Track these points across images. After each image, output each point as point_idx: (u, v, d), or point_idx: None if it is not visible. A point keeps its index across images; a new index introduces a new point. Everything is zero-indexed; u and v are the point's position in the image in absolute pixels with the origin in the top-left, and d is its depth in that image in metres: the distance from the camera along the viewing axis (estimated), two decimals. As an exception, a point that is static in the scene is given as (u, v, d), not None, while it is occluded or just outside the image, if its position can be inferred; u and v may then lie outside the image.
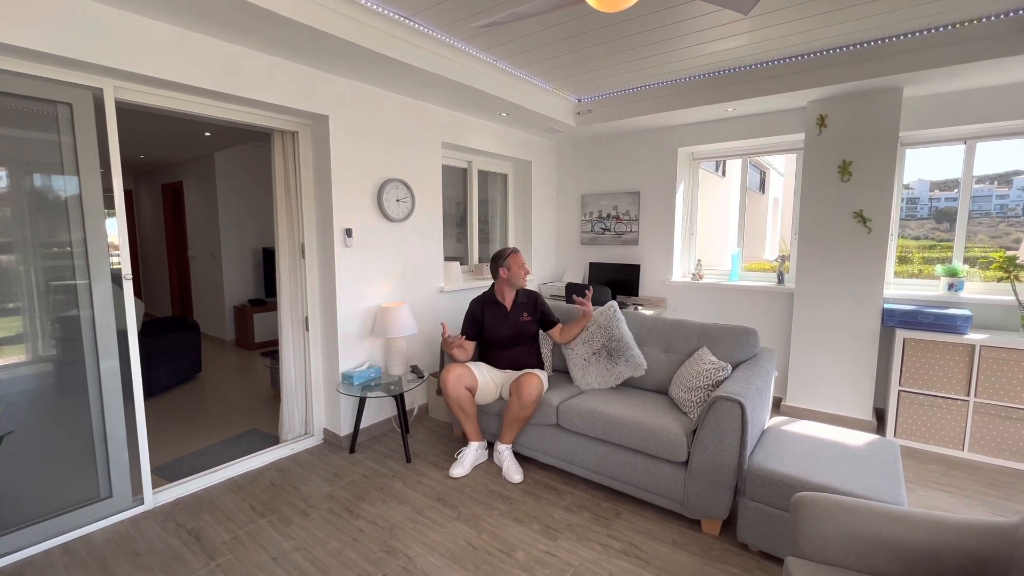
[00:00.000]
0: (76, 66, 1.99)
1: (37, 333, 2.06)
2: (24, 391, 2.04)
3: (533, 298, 2.94)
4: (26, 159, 1.98)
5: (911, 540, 1.30)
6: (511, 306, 2.88)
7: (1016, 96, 2.89)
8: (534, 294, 2.97)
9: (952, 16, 2.45)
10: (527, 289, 2.98)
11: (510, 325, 2.85)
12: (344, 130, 2.88)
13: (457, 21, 2.50)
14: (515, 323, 2.86)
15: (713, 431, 2.07)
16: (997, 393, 2.77)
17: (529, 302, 2.92)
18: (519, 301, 2.90)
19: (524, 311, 2.89)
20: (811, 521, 1.41)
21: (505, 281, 2.85)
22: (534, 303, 2.93)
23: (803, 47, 2.84)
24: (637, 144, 4.28)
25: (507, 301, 2.89)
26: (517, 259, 2.87)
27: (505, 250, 2.88)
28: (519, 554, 2.03)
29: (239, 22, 2.12)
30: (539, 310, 2.93)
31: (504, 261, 2.84)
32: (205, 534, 2.17)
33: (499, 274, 2.86)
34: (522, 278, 2.86)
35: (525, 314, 2.88)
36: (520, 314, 2.88)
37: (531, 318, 2.89)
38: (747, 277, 4.02)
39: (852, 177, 3.18)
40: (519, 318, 2.87)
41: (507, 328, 2.85)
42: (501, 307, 2.88)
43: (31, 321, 2.05)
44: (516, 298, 2.90)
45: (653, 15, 2.43)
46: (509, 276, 2.84)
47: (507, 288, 2.88)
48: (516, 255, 2.88)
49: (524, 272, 2.86)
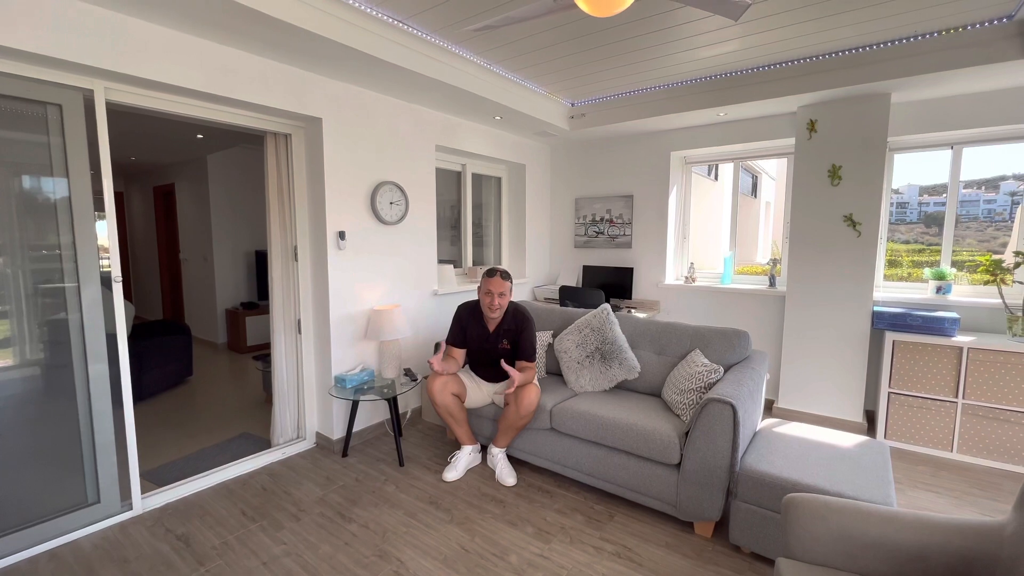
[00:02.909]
0: (66, 67, 1.97)
1: (25, 336, 2.04)
2: (10, 395, 2.01)
3: (520, 328, 2.67)
4: (15, 160, 1.96)
5: (900, 540, 1.31)
6: (494, 329, 2.71)
7: (1000, 102, 2.94)
8: (523, 323, 2.67)
9: (938, 24, 2.49)
10: (522, 312, 2.71)
11: (488, 350, 2.72)
12: (337, 133, 2.87)
13: (451, 25, 2.51)
14: (493, 348, 2.70)
15: (705, 433, 2.08)
16: (984, 395, 2.80)
17: (514, 331, 2.68)
18: (504, 327, 2.69)
19: (505, 339, 2.69)
20: (801, 522, 1.42)
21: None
22: (518, 333, 2.66)
23: (793, 53, 2.87)
24: (630, 148, 4.31)
25: (490, 324, 2.71)
26: (486, 283, 2.61)
27: (486, 270, 2.66)
28: (512, 557, 2.03)
29: (231, 24, 2.11)
30: (516, 340, 2.67)
31: (480, 283, 2.67)
32: (195, 539, 2.14)
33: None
34: (486, 306, 2.62)
35: (505, 342, 2.69)
36: (500, 340, 2.69)
37: (510, 347, 2.69)
38: (739, 280, 4.06)
39: (842, 181, 3.22)
40: (498, 344, 2.69)
41: (484, 353, 2.74)
42: (484, 328, 2.72)
43: (19, 324, 2.02)
44: (502, 322, 2.69)
45: (646, 20, 2.45)
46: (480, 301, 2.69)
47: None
48: (487, 279, 2.61)
49: (487, 300, 2.60)
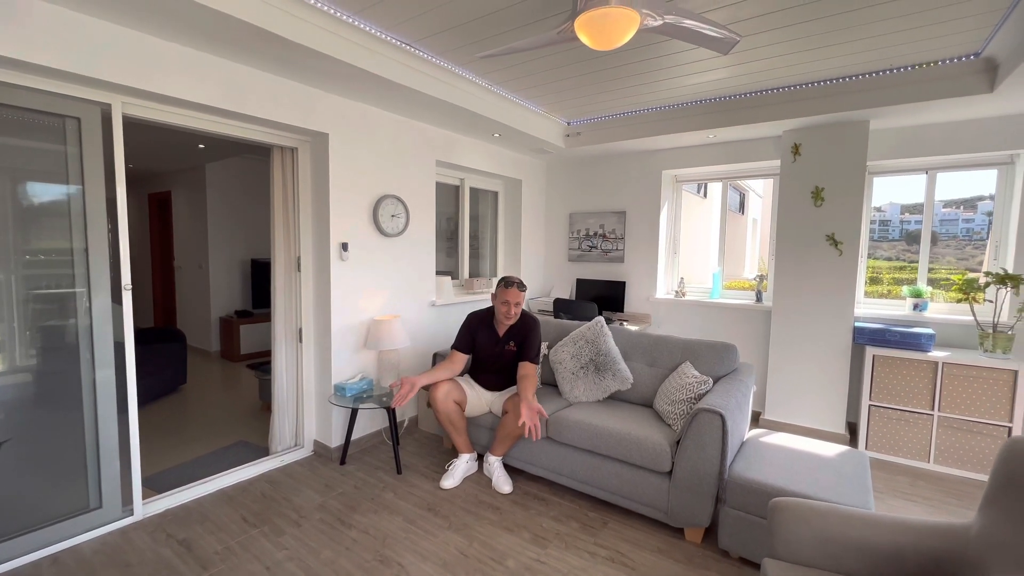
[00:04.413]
0: (85, 82, 2.04)
1: (32, 342, 2.07)
2: (17, 399, 2.04)
3: (528, 329, 2.81)
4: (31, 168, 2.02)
5: (877, 541, 1.41)
6: (503, 333, 2.84)
7: (971, 132, 3.14)
8: (531, 325, 2.82)
9: (912, 59, 2.66)
10: (530, 316, 2.86)
11: (497, 353, 2.83)
12: (343, 147, 2.96)
13: (456, 48, 2.62)
14: (502, 351, 2.82)
15: (695, 442, 2.17)
16: (959, 407, 2.94)
17: (522, 332, 2.81)
18: (513, 328, 2.83)
19: (512, 340, 2.82)
20: (786, 525, 1.51)
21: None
22: (525, 335, 2.80)
23: (779, 81, 3.04)
24: (623, 166, 4.46)
25: (501, 328, 2.84)
26: (503, 294, 2.74)
27: (502, 280, 2.78)
28: (510, 562, 2.09)
29: (246, 43, 2.21)
30: (522, 341, 2.80)
31: (496, 291, 2.79)
32: (196, 545, 2.17)
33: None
34: (502, 314, 2.75)
35: (512, 343, 2.81)
36: (508, 343, 2.81)
37: (516, 348, 2.82)
38: (727, 295, 4.19)
39: (824, 202, 3.38)
40: (506, 346, 2.81)
41: (493, 356, 2.85)
42: (494, 332, 2.84)
43: (26, 329, 2.06)
44: (512, 325, 2.83)
45: (642, 49, 2.60)
46: (495, 308, 2.82)
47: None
48: (505, 290, 2.73)
49: (504, 309, 2.73)
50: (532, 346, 2.78)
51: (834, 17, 2.22)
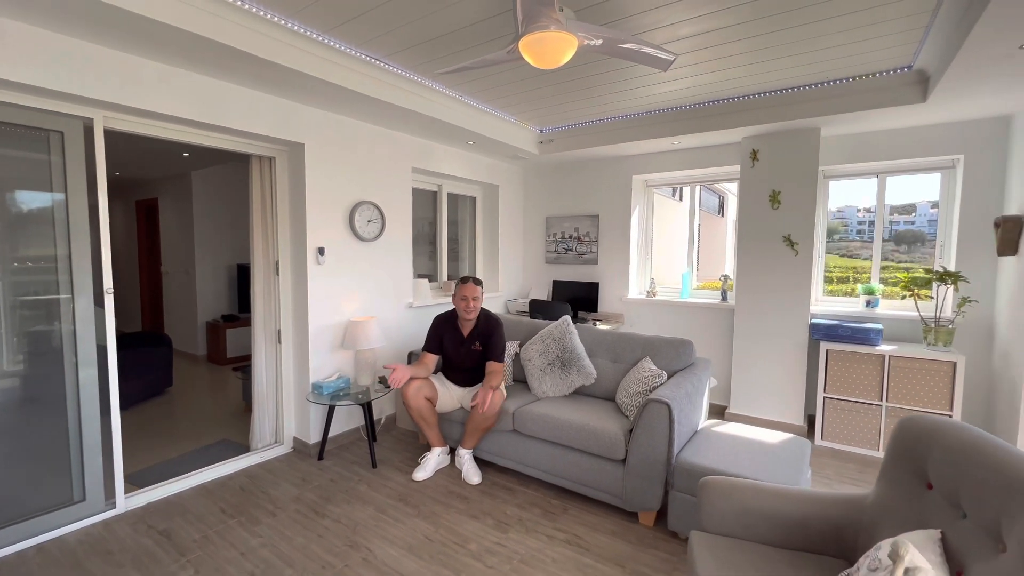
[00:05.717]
0: (67, 98, 2.17)
1: (17, 344, 2.19)
2: (4, 400, 2.15)
3: (491, 330, 2.93)
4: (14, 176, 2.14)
5: (787, 512, 1.57)
6: (467, 333, 2.97)
7: (914, 138, 3.33)
8: (494, 325, 2.95)
9: (854, 70, 2.85)
10: (493, 317, 3.00)
11: (463, 353, 2.97)
12: (319, 156, 3.10)
13: (423, 64, 2.77)
14: (468, 351, 2.97)
15: (646, 430, 2.32)
16: (905, 398, 3.11)
17: (485, 332, 2.94)
18: (477, 330, 2.95)
19: (477, 340, 2.95)
20: (711, 500, 1.66)
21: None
22: (488, 335, 2.92)
23: (735, 91, 3.21)
24: (596, 171, 4.63)
25: (465, 327, 2.98)
26: (461, 290, 2.90)
27: (460, 278, 2.95)
28: (472, 545, 2.23)
29: (222, 62, 2.34)
30: (486, 342, 2.92)
31: (455, 290, 2.93)
32: (176, 534, 2.29)
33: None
34: (462, 310, 2.90)
35: (477, 343, 2.95)
36: (473, 343, 2.95)
37: (481, 348, 2.95)
38: (697, 295, 4.36)
39: (781, 205, 3.55)
40: (471, 346, 2.96)
41: (459, 355, 2.99)
42: (459, 333, 2.98)
43: (12, 332, 2.18)
44: (475, 326, 2.96)
45: (598, 63, 2.76)
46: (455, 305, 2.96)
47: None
48: (462, 285, 2.90)
49: (463, 305, 2.88)
50: (496, 346, 2.92)
51: (778, 32, 2.37)
